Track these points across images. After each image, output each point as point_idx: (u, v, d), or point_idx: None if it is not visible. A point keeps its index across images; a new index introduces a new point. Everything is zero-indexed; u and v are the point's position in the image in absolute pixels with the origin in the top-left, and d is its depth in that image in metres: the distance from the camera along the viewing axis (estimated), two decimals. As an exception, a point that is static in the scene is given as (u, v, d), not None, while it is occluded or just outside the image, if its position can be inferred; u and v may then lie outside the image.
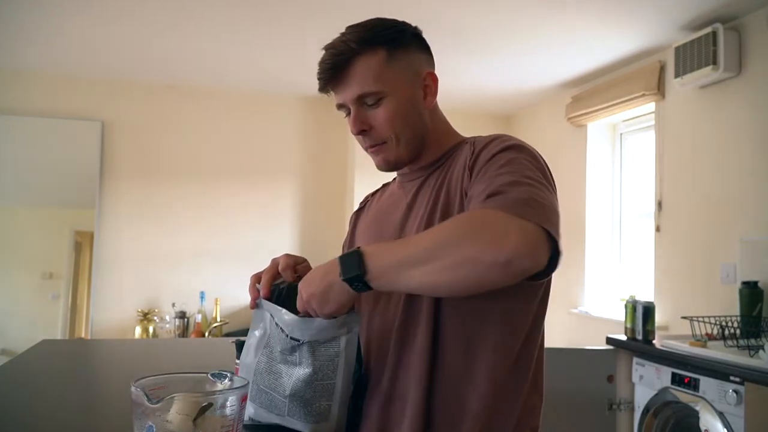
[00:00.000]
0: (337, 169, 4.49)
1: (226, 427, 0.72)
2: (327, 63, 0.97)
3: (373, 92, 0.97)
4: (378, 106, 0.98)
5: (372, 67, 0.96)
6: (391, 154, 1.02)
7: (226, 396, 0.73)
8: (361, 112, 0.99)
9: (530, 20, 2.89)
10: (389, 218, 1.08)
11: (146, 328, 3.92)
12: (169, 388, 0.73)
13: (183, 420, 0.69)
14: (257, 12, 2.88)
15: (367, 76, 0.96)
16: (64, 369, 1.65)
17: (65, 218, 4.06)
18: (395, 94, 0.98)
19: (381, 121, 0.98)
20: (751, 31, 2.74)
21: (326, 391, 0.91)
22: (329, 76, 0.98)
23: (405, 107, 0.99)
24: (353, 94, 0.98)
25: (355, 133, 1.01)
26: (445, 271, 0.79)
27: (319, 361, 0.90)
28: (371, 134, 1.00)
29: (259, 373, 0.95)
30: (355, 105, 0.98)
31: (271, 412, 0.93)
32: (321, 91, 1.01)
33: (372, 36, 0.97)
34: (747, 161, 2.74)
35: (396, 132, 0.99)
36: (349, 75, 0.97)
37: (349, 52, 0.96)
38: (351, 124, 1.00)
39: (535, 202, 0.81)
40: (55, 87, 3.96)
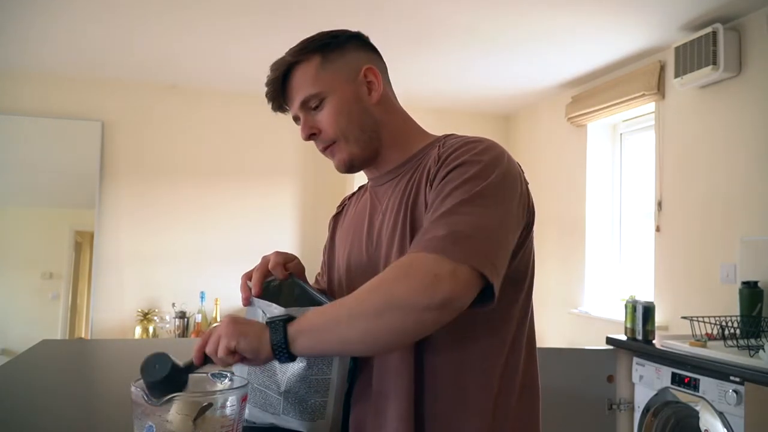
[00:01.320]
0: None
1: (226, 427, 0.72)
2: (268, 79, 1.03)
3: (313, 95, 0.99)
4: (321, 109, 1.00)
5: (308, 73, 1.00)
6: (344, 154, 1.03)
7: (226, 396, 0.73)
8: (308, 118, 1.02)
9: (530, 20, 2.89)
10: (361, 225, 1.08)
11: (146, 328, 3.92)
12: (169, 388, 0.73)
13: (183, 420, 0.69)
14: (257, 12, 2.88)
15: (305, 82, 1.00)
16: (64, 369, 1.65)
17: (65, 218, 4.06)
18: (335, 94, 1.00)
19: (325, 122, 1.00)
20: (751, 31, 2.74)
21: (321, 387, 0.90)
22: (272, 92, 1.03)
23: (347, 105, 1.01)
24: (297, 102, 1.01)
25: (304, 138, 1.03)
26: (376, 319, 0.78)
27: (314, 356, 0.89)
28: (320, 137, 1.02)
29: (252, 372, 0.94)
30: (301, 112, 1.02)
31: (265, 411, 0.93)
32: (273, 109, 1.07)
33: (305, 45, 1.01)
34: (747, 161, 2.74)
35: (342, 130, 1.01)
36: (291, 86, 1.02)
37: (285, 65, 1.01)
38: (301, 129, 1.03)
39: (463, 238, 0.80)
40: (55, 87, 3.96)
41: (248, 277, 1.00)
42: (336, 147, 1.02)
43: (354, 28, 1.07)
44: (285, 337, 0.81)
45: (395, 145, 1.05)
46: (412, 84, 3.89)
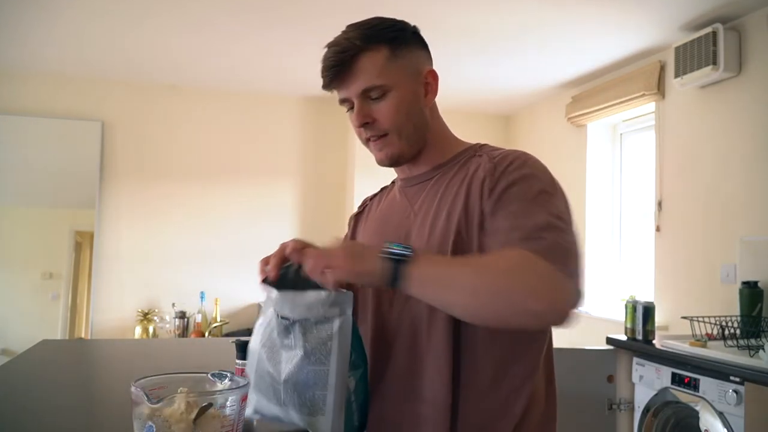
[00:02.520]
0: (337, 169, 4.49)
1: (226, 427, 0.72)
2: (331, 60, 0.99)
3: (378, 86, 0.99)
4: (381, 100, 1.00)
5: (376, 63, 0.99)
6: (392, 148, 1.04)
7: (226, 396, 0.73)
8: (365, 105, 1.01)
9: (530, 20, 2.89)
10: (392, 224, 1.09)
11: (146, 328, 3.92)
12: (169, 388, 0.73)
13: (183, 420, 0.69)
14: (257, 12, 2.88)
15: (372, 71, 0.99)
16: (64, 369, 1.65)
17: (65, 218, 4.06)
18: (398, 89, 1.01)
19: (384, 114, 1.01)
20: (751, 31, 2.74)
21: (320, 378, 0.88)
22: (335, 73, 1.00)
23: (407, 102, 1.02)
24: (358, 89, 1.00)
25: (357, 125, 1.03)
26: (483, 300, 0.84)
27: (311, 344, 0.88)
28: (373, 126, 1.02)
29: (261, 360, 0.93)
30: (359, 98, 1.01)
31: (270, 401, 0.91)
32: (325, 88, 1.04)
33: (374, 34, 1.00)
34: (747, 161, 2.74)
35: (398, 125, 1.02)
36: (354, 71, 0.99)
37: (354, 49, 0.99)
38: (354, 116, 1.02)
39: (570, 254, 0.87)
40: (55, 87, 3.96)
41: (266, 263, 0.98)
42: (387, 140, 1.03)
43: None
44: (398, 271, 0.84)
45: (434, 148, 1.07)
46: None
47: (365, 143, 1.07)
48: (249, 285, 4.23)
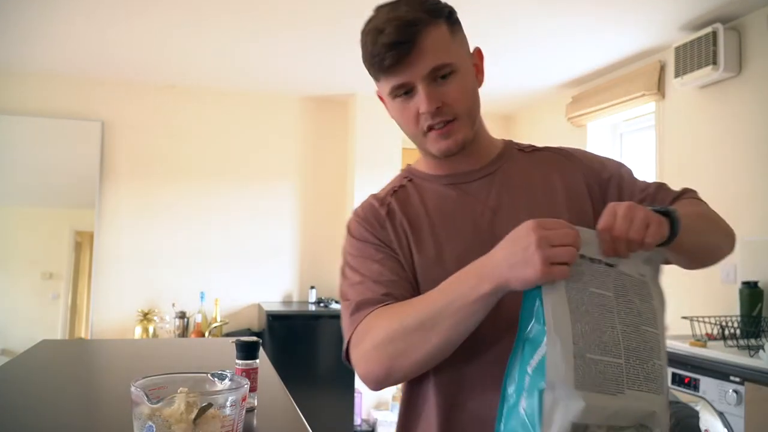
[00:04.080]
0: (337, 169, 4.49)
1: (226, 427, 0.72)
2: (395, 36, 0.88)
3: (447, 64, 0.91)
4: (448, 81, 0.92)
5: (443, 38, 0.91)
6: (461, 134, 0.95)
7: (226, 396, 0.73)
8: (433, 88, 0.91)
9: (530, 20, 2.89)
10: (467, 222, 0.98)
11: (146, 328, 3.92)
12: (169, 388, 0.73)
13: (183, 420, 0.69)
14: (257, 12, 2.88)
15: (439, 47, 0.90)
16: (64, 369, 1.65)
17: (65, 218, 4.06)
18: (462, 68, 0.94)
19: (454, 95, 0.92)
20: (751, 31, 2.74)
21: (655, 343, 0.73)
22: (401, 51, 0.88)
23: (471, 82, 0.96)
24: (426, 67, 0.90)
25: (429, 109, 0.91)
26: (724, 240, 1.00)
27: (639, 300, 0.74)
28: (443, 111, 0.92)
29: (585, 341, 0.69)
30: (426, 80, 0.91)
31: (606, 392, 0.68)
32: (383, 72, 0.92)
33: (433, 7, 0.92)
34: (747, 161, 2.74)
35: (468, 107, 0.95)
36: (422, 48, 0.89)
37: (421, 22, 0.89)
38: (424, 100, 0.91)
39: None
40: (55, 87, 3.96)
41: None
42: (456, 125, 0.94)
43: (354, 28, 1.05)
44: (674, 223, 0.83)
45: (482, 137, 1.03)
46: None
47: (422, 134, 0.96)
48: (249, 285, 4.24)
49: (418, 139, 0.98)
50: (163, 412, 0.69)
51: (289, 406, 1.24)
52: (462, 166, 1.01)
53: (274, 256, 4.30)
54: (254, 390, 1.17)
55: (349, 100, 4.38)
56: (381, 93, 1.00)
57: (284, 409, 1.23)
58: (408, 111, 0.94)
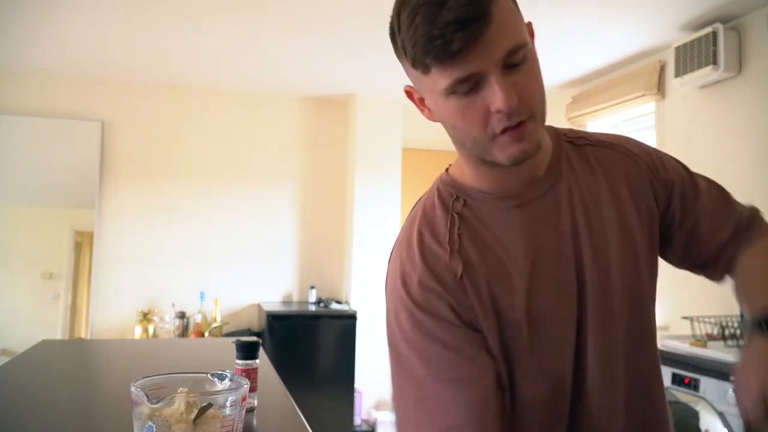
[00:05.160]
0: (337, 168, 4.49)
1: (226, 427, 0.72)
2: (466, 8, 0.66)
3: (522, 44, 0.71)
4: (523, 66, 0.72)
5: (511, 12, 0.73)
6: (535, 135, 0.74)
7: (226, 396, 0.73)
8: (508, 78, 0.70)
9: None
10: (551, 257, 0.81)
11: (146, 328, 3.92)
12: (169, 388, 0.73)
13: (183, 420, 0.69)
14: (257, 13, 2.88)
15: (513, 23, 0.72)
16: (64, 369, 1.65)
17: (65, 218, 4.06)
18: (532, 50, 0.75)
19: (531, 87, 0.72)
20: (751, 31, 2.74)
21: None
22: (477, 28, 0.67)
23: (539, 66, 0.76)
24: (502, 50, 0.69)
25: (510, 108, 0.70)
26: None
27: None
28: (520, 108, 0.71)
29: None
30: (500, 68, 0.70)
31: None
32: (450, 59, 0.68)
33: None
34: (747, 161, 2.74)
35: (542, 100, 0.75)
36: (497, 23, 0.68)
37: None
38: (501, 96, 0.69)
39: None
40: (55, 87, 3.96)
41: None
42: (531, 124, 0.73)
43: (354, 28, 1.02)
44: None
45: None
46: (412, 84, 3.88)
47: (489, 139, 0.74)
48: (249, 285, 4.24)
49: (480, 146, 0.76)
50: (163, 412, 0.69)
51: (289, 406, 1.24)
52: (514, 177, 0.81)
53: (274, 256, 4.30)
54: (254, 390, 1.17)
55: (349, 100, 4.38)
56: (423, 89, 0.77)
57: (284, 409, 1.23)
58: (473, 110, 0.72)
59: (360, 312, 4.02)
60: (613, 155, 0.88)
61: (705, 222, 0.91)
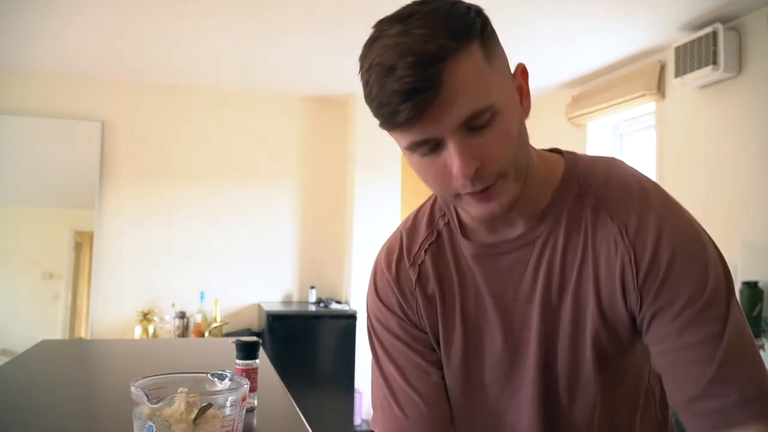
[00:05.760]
0: (337, 169, 4.49)
1: (226, 427, 0.72)
2: (410, 79, 0.62)
3: (486, 108, 0.66)
4: (487, 128, 0.67)
5: (477, 70, 0.66)
6: (509, 194, 0.71)
7: (226, 396, 0.73)
8: (470, 142, 0.67)
9: (530, 21, 2.89)
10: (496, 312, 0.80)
11: (146, 328, 3.92)
12: (169, 388, 0.73)
13: (183, 420, 0.69)
14: (257, 12, 2.88)
15: (475, 85, 0.65)
16: (64, 369, 1.65)
17: (65, 218, 4.06)
18: (506, 106, 0.70)
19: (497, 149, 0.68)
20: (751, 31, 2.74)
21: None
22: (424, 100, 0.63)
23: (517, 121, 0.73)
24: (458, 118, 0.65)
25: (467, 175, 0.67)
26: None
27: None
28: (483, 173, 0.68)
29: None
30: (458, 134, 0.66)
31: None
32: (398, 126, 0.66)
33: (461, 25, 0.66)
34: (747, 161, 2.74)
35: (514, 158, 0.70)
36: (450, 91, 0.64)
37: (446, 54, 0.63)
38: (458, 163, 0.66)
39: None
40: (55, 87, 3.96)
41: None
42: (500, 185, 0.70)
43: (354, 30, 0.98)
44: None
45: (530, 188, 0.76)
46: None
47: (453, 197, 0.72)
48: (249, 285, 4.24)
49: (449, 200, 0.75)
50: (163, 412, 0.69)
51: (289, 406, 1.24)
52: (502, 230, 0.79)
53: (274, 256, 4.30)
54: (254, 390, 1.17)
55: (349, 100, 4.38)
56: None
57: (284, 409, 1.23)
58: (435, 169, 0.69)
59: (360, 312, 4.02)
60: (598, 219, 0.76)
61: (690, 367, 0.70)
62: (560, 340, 0.77)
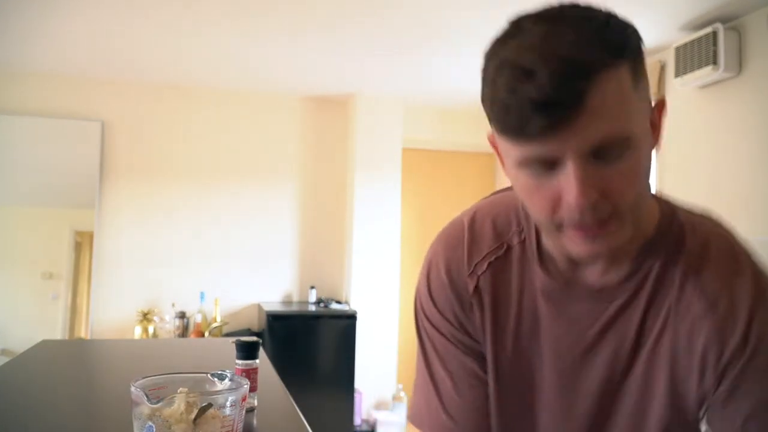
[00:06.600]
0: (337, 169, 4.49)
1: (226, 427, 0.72)
2: (552, 89, 0.55)
3: (624, 137, 0.59)
4: (619, 161, 0.60)
5: (622, 93, 0.58)
6: (616, 238, 0.63)
7: (226, 396, 0.73)
8: (596, 170, 0.59)
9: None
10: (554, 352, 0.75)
11: (146, 328, 3.92)
12: (169, 388, 0.73)
13: (183, 420, 0.69)
14: (257, 12, 2.88)
15: (617, 109, 0.58)
16: (64, 369, 1.65)
17: (65, 218, 4.06)
18: (640, 140, 0.61)
19: (623, 185, 0.60)
20: (751, 31, 2.74)
21: None
22: (562, 114, 0.56)
23: (646, 161, 0.63)
24: (593, 141, 0.58)
25: (581, 206, 0.59)
26: None
27: None
28: (600, 205, 0.60)
29: None
30: (584, 158, 0.59)
31: None
32: (526, 138, 0.59)
33: (618, 41, 0.59)
34: (747, 161, 2.74)
35: (636, 199, 0.62)
36: (591, 108, 0.56)
37: (597, 66, 0.56)
38: (576, 190, 0.59)
39: None
40: (55, 87, 3.96)
41: None
42: (613, 225, 0.62)
43: (354, 30, 0.96)
44: None
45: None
46: (413, 84, 3.88)
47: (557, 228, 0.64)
48: (249, 285, 4.24)
49: (546, 230, 0.68)
50: (163, 412, 0.69)
51: (289, 406, 1.24)
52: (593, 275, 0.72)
53: (274, 256, 4.30)
54: (254, 390, 1.17)
55: (349, 100, 4.38)
56: (499, 147, 0.67)
57: (284, 409, 1.23)
58: (543, 192, 0.62)
59: (360, 312, 4.02)
60: (700, 305, 0.68)
61: None
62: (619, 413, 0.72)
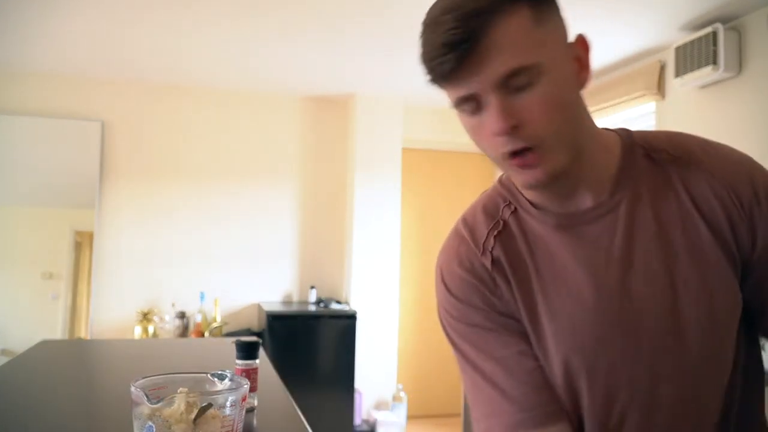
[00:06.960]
0: (337, 169, 4.49)
1: (226, 427, 0.72)
2: (455, 31, 0.65)
3: (526, 66, 0.66)
4: (528, 90, 0.67)
5: (520, 30, 0.67)
6: (552, 162, 0.70)
7: (226, 396, 0.73)
8: (507, 101, 0.67)
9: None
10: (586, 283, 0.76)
11: (146, 328, 3.92)
12: (169, 388, 0.73)
13: (183, 420, 0.69)
14: (257, 12, 2.88)
15: (518, 44, 0.66)
16: (64, 369, 1.65)
17: (65, 218, 4.06)
18: (553, 69, 0.69)
19: (538, 110, 0.68)
20: (751, 31, 2.74)
21: None
22: (464, 51, 0.65)
23: (565, 88, 0.70)
24: (499, 72, 0.66)
25: (500, 131, 0.68)
26: None
27: None
28: (522, 134, 0.68)
29: None
30: (497, 90, 0.67)
31: None
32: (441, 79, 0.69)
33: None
34: (747, 161, 2.74)
35: (557, 125, 0.69)
36: (491, 46, 0.65)
37: (491, 8, 0.65)
38: (494, 118, 0.68)
39: None
40: (55, 87, 3.96)
41: None
42: (541, 152, 0.69)
43: (354, 30, 1.01)
44: None
45: (594, 150, 0.76)
46: (413, 83, 3.88)
47: (500, 160, 0.72)
48: (249, 285, 4.24)
49: (501, 167, 0.75)
50: (163, 412, 0.69)
51: (289, 406, 1.24)
52: (577, 199, 0.77)
53: (274, 256, 4.30)
54: (254, 390, 1.17)
55: (349, 100, 4.38)
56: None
57: (284, 409, 1.23)
58: (480, 131, 0.71)
59: (360, 312, 4.02)
60: (702, 178, 0.76)
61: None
62: (685, 302, 0.73)
